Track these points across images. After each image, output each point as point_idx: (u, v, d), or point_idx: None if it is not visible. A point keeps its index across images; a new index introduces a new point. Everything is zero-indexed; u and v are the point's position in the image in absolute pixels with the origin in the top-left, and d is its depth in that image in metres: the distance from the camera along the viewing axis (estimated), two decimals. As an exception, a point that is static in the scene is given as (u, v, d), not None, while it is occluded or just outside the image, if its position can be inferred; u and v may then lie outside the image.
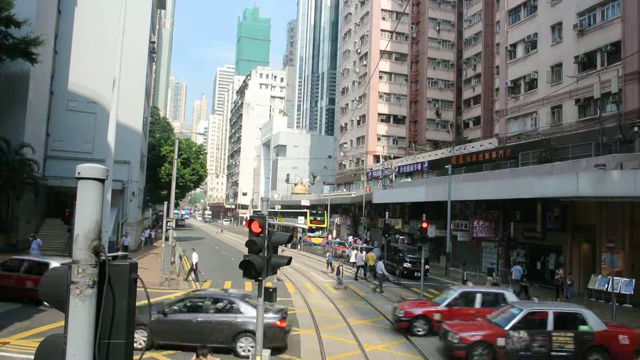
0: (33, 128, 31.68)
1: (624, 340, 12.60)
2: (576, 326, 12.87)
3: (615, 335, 12.73)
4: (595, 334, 12.63)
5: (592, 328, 12.74)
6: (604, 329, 12.78)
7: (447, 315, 15.34)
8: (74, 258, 2.77)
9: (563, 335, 12.59)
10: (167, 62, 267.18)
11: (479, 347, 12.61)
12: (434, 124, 64.42)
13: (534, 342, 12.53)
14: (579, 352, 12.46)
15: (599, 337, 12.58)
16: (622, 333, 12.89)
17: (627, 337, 12.68)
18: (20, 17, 27.03)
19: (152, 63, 53.42)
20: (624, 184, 21.64)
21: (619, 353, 12.51)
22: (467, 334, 12.88)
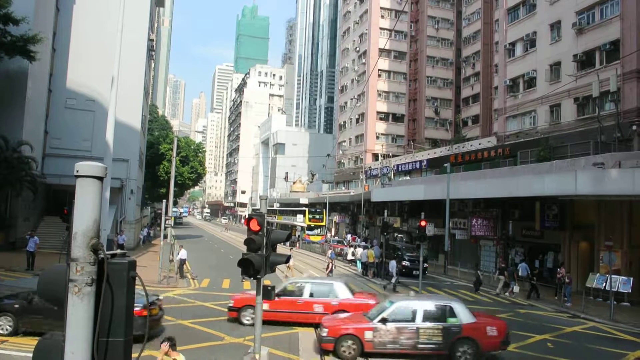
0: (31, 126, 31.63)
1: (492, 331, 12.88)
2: (445, 319, 13.10)
3: (483, 327, 12.95)
4: (463, 326, 12.86)
5: (461, 320, 12.98)
6: (472, 321, 13.00)
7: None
8: (72, 256, 2.77)
9: (431, 327, 12.84)
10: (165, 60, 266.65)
11: (347, 340, 12.80)
12: (433, 122, 64.42)
13: (401, 335, 12.76)
14: (447, 344, 12.70)
15: (467, 329, 12.81)
16: (490, 324, 13.13)
17: (495, 328, 12.95)
18: (19, 14, 26.97)
19: (151, 61, 53.35)
20: (622, 183, 21.67)
21: (485, 344, 12.78)
22: (336, 327, 13.08)
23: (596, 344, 15.91)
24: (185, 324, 15.76)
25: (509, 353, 14.26)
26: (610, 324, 19.08)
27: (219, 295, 21.10)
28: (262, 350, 9.05)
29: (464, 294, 25.44)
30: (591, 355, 14.49)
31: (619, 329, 18.45)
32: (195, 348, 13.23)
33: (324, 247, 47.62)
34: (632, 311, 21.63)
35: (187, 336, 14.35)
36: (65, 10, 36.17)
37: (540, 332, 17.02)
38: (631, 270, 23.52)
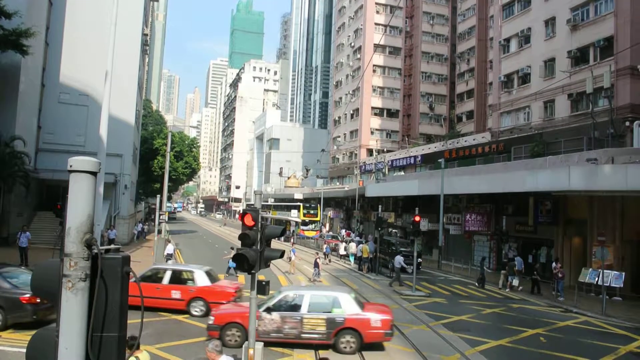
0: (24, 120, 31.41)
1: (376, 323, 13.05)
2: (330, 309, 13.31)
3: (367, 318, 13.11)
4: (346, 317, 13.04)
5: (345, 311, 13.17)
6: (356, 313, 13.16)
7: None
8: (66, 251, 2.76)
9: (315, 318, 13.02)
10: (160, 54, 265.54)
11: (231, 328, 12.97)
12: (427, 117, 64.50)
13: (285, 324, 12.92)
14: (330, 334, 12.89)
15: (350, 320, 12.98)
16: (375, 316, 13.26)
17: (379, 319, 13.12)
18: (11, 8, 26.71)
19: (145, 56, 53.05)
20: (615, 178, 21.81)
21: (368, 335, 12.96)
22: (222, 315, 13.25)
23: (588, 338, 16.03)
24: (179, 319, 15.76)
25: (502, 347, 14.37)
26: (603, 319, 19.23)
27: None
28: (257, 345, 9.07)
29: (458, 288, 25.59)
30: (583, 349, 14.60)
31: (611, 323, 18.60)
32: (189, 343, 13.25)
33: (319, 242, 47.71)
34: (624, 306, 21.81)
35: (180, 331, 14.37)
36: (58, 4, 35.87)
37: (533, 326, 17.14)
38: (623, 265, 23.71)
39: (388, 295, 22.48)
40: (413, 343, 13.95)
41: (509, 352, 14.10)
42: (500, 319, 18.43)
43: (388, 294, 22.85)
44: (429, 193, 35.31)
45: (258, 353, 9.04)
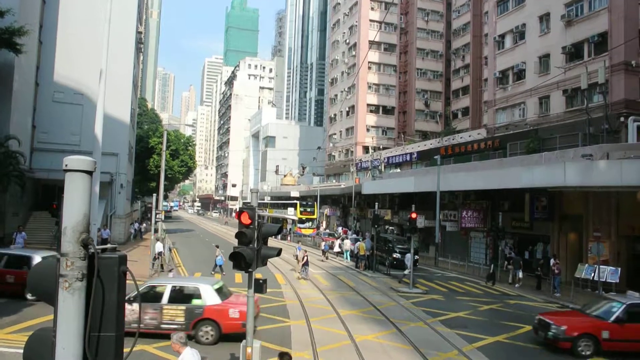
0: (18, 120, 31.24)
1: (234, 314, 13.24)
2: (190, 300, 13.51)
3: (226, 309, 13.27)
4: (205, 307, 13.21)
5: (205, 302, 13.33)
6: (215, 303, 13.34)
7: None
8: (62, 251, 2.75)
9: (175, 308, 13.17)
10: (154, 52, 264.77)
11: None
12: (423, 114, 64.56)
13: (145, 315, 13.05)
14: (189, 324, 13.04)
15: (209, 311, 13.16)
16: (234, 307, 13.40)
17: (237, 310, 13.26)
18: (4, 6, 26.51)
19: (140, 54, 52.87)
20: (610, 174, 21.89)
21: (226, 325, 13.14)
22: None
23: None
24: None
25: (499, 344, 14.42)
26: (599, 314, 19.27)
27: (210, 289, 21.07)
28: (255, 344, 9.07)
29: (455, 285, 25.65)
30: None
31: (607, 318, 18.65)
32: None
33: (315, 240, 47.74)
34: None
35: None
36: (51, 2, 35.65)
37: (529, 322, 17.14)
38: (619, 261, 23.82)
39: (385, 292, 22.52)
40: (410, 340, 13.98)
41: (506, 348, 14.16)
42: (497, 315, 18.50)
43: (385, 291, 22.89)
44: (425, 190, 35.37)
45: (256, 351, 9.04)
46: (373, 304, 19.29)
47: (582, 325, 13.58)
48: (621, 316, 13.48)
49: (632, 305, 13.82)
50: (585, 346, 13.22)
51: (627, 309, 13.65)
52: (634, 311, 13.73)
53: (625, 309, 13.64)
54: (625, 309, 13.63)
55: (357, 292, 21.98)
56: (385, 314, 17.43)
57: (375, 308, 18.50)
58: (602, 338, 13.18)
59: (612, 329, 13.31)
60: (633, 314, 13.65)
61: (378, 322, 16.39)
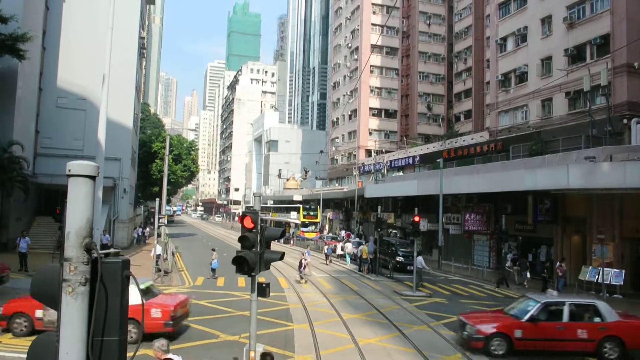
0: (22, 125, 31.39)
1: (156, 313, 13.26)
2: None
3: (147, 309, 13.29)
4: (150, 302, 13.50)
5: None
6: (137, 303, 13.27)
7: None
8: (65, 256, 2.75)
9: None
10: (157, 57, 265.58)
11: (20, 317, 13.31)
12: (425, 117, 64.56)
13: None
14: None
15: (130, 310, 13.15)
16: (156, 307, 13.40)
17: (160, 310, 13.33)
18: (7, 12, 26.70)
19: (142, 59, 53.07)
20: (613, 176, 21.83)
21: (148, 325, 13.07)
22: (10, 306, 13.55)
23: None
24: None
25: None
26: (603, 316, 19.19)
27: (213, 294, 21.10)
28: (258, 347, 9.06)
29: (458, 288, 25.58)
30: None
31: (612, 321, 18.57)
32: (190, 346, 13.22)
33: (318, 243, 47.70)
34: (624, 303, 21.77)
35: (181, 334, 14.33)
36: (55, 9, 35.86)
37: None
38: (623, 263, 23.72)
39: (388, 295, 22.47)
40: (414, 343, 13.94)
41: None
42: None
43: (388, 294, 22.84)
44: (428, 193, 35.32)
45: (259, 355, 9.03)
46: (376, 307, 19.24)
47: (495, 325, 13.48)
48: (535, 315, 13.42)
49: (546, 304, 13.79)
50: (498, 345, 13.11)
51: (542, 307, 13.60)
52: (548, 310, 13.71)
53: (540, 307, 13.58)
54: (540, 308, 13.57)
55: (361, 296, 21.94)
56: (389, 317, 17.39)
57: (379, 311, 18.45)
58: (515, 337, 13.11)
59: (525, 328, 13.23)
60: (547, 312, 13.64)
61: (381, 326, 16.36)
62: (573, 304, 13.83)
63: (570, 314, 13.46)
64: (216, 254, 26.30)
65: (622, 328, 13.37)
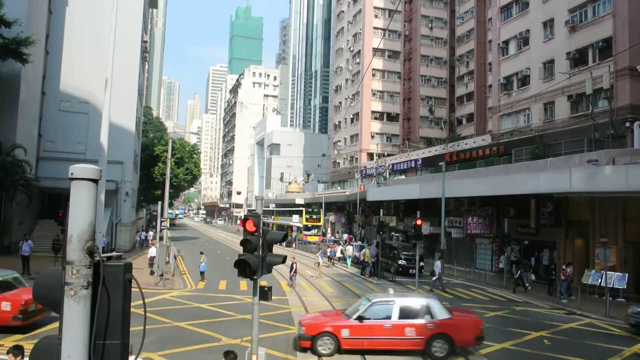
0: (25, 129, 31.48)
1: (6, 307, 13.18)
2: None
3: None
4: None
5: None
6: None
7: None
8: (68, 259, 2.76)
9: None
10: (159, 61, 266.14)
11: None
12: (428, 121, 64.55)
13: None
14: None
15: None
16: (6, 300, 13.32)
17: (9, 304, 13.21)
18: (11, 17, 26.85)
19: (145, 62, 53.20)
20: (616, 179, 21.78)
21: None
22: None
23: (592, 340, 15.98)
24: (181, 326, 15.72)
25: (506, 350, 14.31)
26: (606, 320, 19.17)
27: (215, 297, 21.09)
28: (260, 351, 9.05)
29: (460, 291, 25.52)
30: (588, 351, 14.55)
31: (615, 324, 18.55)
32: (192, 350, 13.22)
33: (320, 246, 47.67)
34: (627, 307, 21.64)
35: (183, 338, 14.33)
36: (58, 13, 36.01)
37: (536, 329, 17.08)
38: (626, 267, 23.62)
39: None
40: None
41: (513, 355, 14.06)
42: (503, 321, 18.37)
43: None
44: (430, 196, 35.27)
45: (261, 359, 9.01)
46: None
47: (322, 325, 13.40)
48: (363, 314, 13.43)
49: (375, 303, 13.82)
50: (324, 344, 13.06)
51: (371, 306, 13.65)
52: (377, 309, 13.69)
53: (368, 306, 13.64)
54: (368, 307, 13.63)
55: (363, 300, 21.88)
56: (391, 321, 17.31)
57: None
58: (342, 337, 13.09)
59: (353, 327, 13.21)
60: (377, 311, 13.63)
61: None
62: (403, 303, 13.82)
63: (400, 313, 13.46)
64: (204, 257, 26.39)
65: (450, 325, 13.34)
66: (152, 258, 26.94)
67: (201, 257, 26.62)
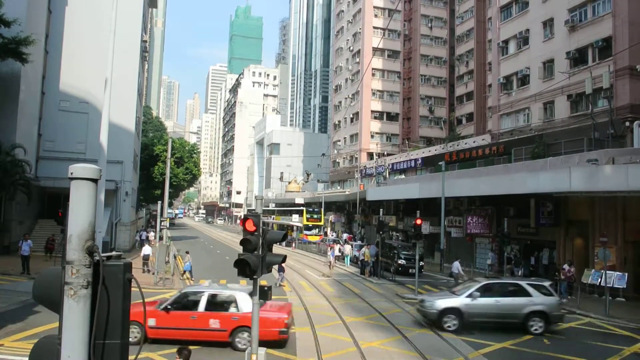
0: (25, 129, 31.47)
1: None
2: None
3: None
4: None
5: None
6: None
7: None
8: (67, 259, 2.76)
9: None
10: (159, 61, 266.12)
11: None
12: (427, 120, 64.55)
13: None
14: None
15: None
16: None
17: None
18: (10, 16, 26.83)
19: (144, 62, 53.18)
20: (616, 179, 21.78)
21: None
22: None
23: (592, 339, 15.98)
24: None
25: (506, 350, 14.32)
26: (606, 320, 19.17)
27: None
28: (260, 350, 9.04)
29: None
30: (587, 350, 14.55)
31: (615, 324, 18.54)
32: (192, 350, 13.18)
33: (320, 247, 47.68)
34: (627, 306, 21.73)
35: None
36: (57, 12, 35.99)
37: (536, 328, 17.06)
38: (626, 266, 23.62)
39: (390, 299, 22.44)
40: (416, 347, 13.91)
41: (513, 355, 14.07)
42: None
43: (390, 297, 22.81)
44: (430, 196, 35.27)
45: (261, 359, 9.01)
46: (378, 310, 19.22)
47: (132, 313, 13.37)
48: (169, 304, 13.60)
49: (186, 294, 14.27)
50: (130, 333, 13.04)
51: (180, 296, 13.97)
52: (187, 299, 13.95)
53: (177, 296, 13.99)
54: (176, 297, 13.95)
55: (363, 299, 21.91)
56: (391, 320, 17.36)
57: (381, 315, 18.42)
58: (149, 326, 13.16)
59: (159, 317, 13.32)
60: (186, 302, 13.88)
61: (383, 329, 16.33)
62: (211, 294, 13.95)
63: (207, 304, 13.63)
64: (189, 257, 26.48)
65: None
66: (147, 257, 27.12)
67: (186, 257, 26.77)
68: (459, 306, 16.08)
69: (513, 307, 16.27)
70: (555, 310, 16.49)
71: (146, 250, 27.69)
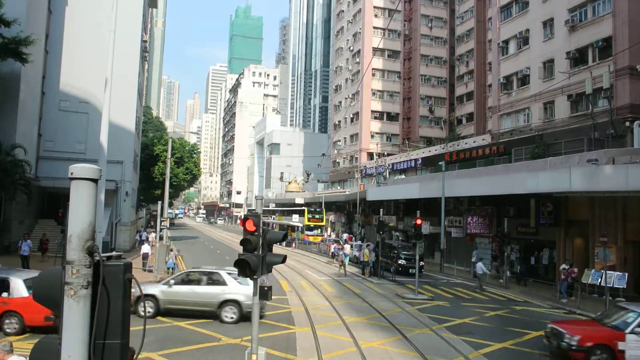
0: (24, 129, 31.46)
1: None
2: None
3: None
4: None
5: None
6: None
7: None
8: (68, 259, 2.76)
9: None
10: (159, 61, 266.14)
11: None
12: (427, 120, 64.56)
13: None
14: None
15: None
16: None
17: None
18: (10, 16, 26.80)
19: (144, 62, 53.19)
20: (616, 179, 21.79)
21: None
22: None
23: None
24: (181, 325, 15.73)
25: (506, 350, 14.32)
26: (606, 320, 19.13)
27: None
28: (260, 351, 9.04)
29: (460, 291, 25.52)
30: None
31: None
32: (192, 349, 13.21)
33: (320, 247, 47.68)
34: (627, 306, 21.71)
35: (183, 337, 14.33)
36: (57, 12, 35.99)
37: (536, 328, 17.05)
38: (626, 266, 23.62)
39: (390, 299, 22.44)
40: (416, 347, 13.90)
41: (513, 355, 14.06)
42: (503, 321, 18.38)
43: (390, 297, 22.80)
44: (430, 196, 35.29)
45: (261, 358, 9.01)
46: (378, 310, 19.22)
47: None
48: None
49: None
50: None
51: None
52: None
53: None
54: None
55: (363, 299, 21.91)
56: (391, 320, 17.36)
57: (381, 315, 18.42)
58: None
59: None
60: None
61: (383, 329, 16.32)
62: None
63: None
64: (172, 254, 26.53)
65: (21, 304, 13.47)
66: (146, 255, 27.20)
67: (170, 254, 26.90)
68: (155, 293, 16.69)
69: (208, 296, 16.74)
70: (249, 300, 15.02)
71: (145, 248, 27.76)
